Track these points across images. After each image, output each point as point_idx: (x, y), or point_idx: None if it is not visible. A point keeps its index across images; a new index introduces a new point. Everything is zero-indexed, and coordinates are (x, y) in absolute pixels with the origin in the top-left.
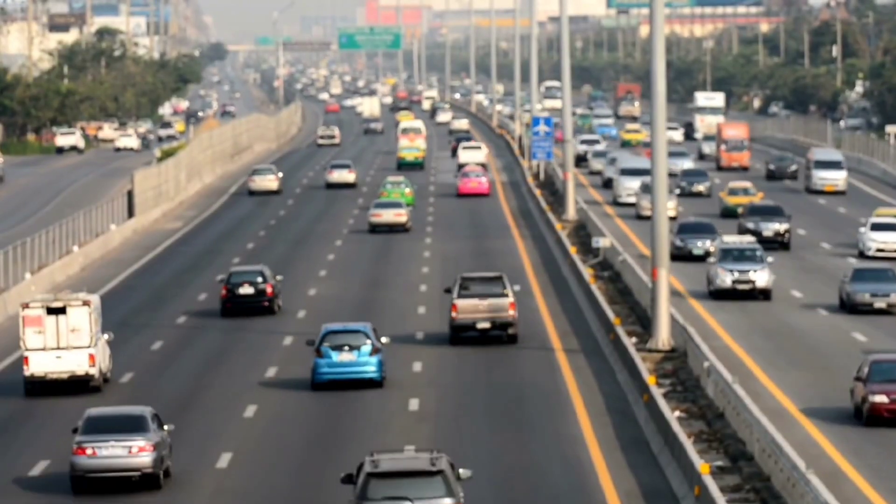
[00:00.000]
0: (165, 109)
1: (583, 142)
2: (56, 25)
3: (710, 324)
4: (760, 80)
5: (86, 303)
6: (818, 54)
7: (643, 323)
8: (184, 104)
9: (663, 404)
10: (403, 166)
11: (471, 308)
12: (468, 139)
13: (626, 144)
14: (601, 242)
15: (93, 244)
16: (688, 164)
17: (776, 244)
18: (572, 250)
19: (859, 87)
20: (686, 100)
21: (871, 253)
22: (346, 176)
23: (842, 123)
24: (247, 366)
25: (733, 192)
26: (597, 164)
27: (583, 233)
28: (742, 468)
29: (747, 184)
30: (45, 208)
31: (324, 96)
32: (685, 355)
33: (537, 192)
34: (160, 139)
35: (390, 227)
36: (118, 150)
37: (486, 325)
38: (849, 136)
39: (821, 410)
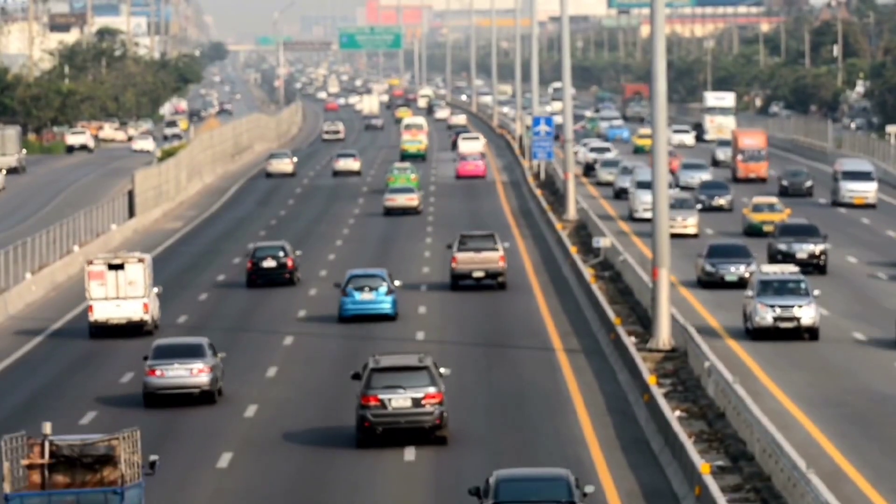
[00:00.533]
0: (166, 109)
1: (592, 150)
2: (57, 25)
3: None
4: (761, 80)
5: (140, 260)
6: (819, 54)
7: (644, 323)
8: (184, 104)
9: (664, 404)
10: (406, 158)
11: (468, 260)
12: (466, 131)
13: (638, 151)
14: (602, 242)
15: (93, 244)
16: (705, 175)
17: (811, 267)
18: (573, 250)
19: (860, 87)
20: (686, 100)
21: None
22: (352, 164)
23: (853, 125)
24: (247, 365)
25: (758, 208)
26: (607, 175)
27: (583, 232)
28: (743, 468)
29: (773, 199)
30: (46, 208)
31: (321, 95)
32: (686, 355)
33: (538, 191)
34: (165, 137)
35: (403, 210)
36: (135, 151)
37: (481, 273)
38: (849, 135)
39: (821, 410)
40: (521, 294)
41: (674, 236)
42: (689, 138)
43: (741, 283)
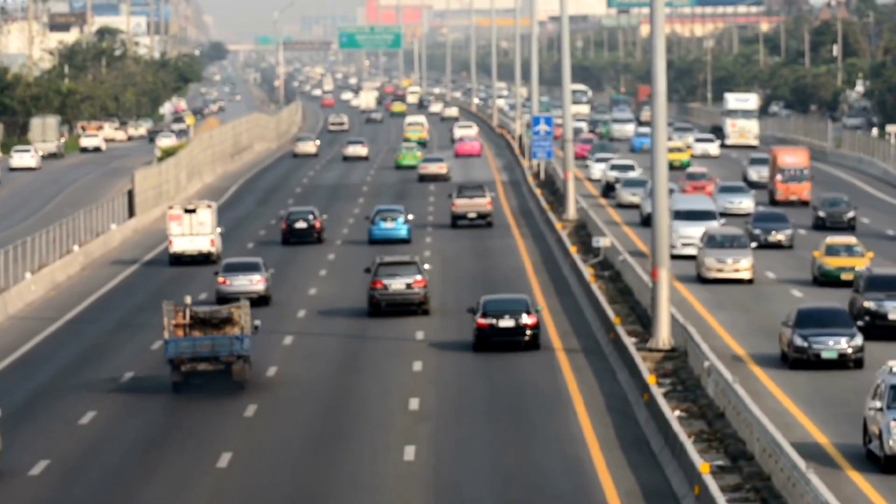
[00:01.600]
0: (166, 109)
1: (613, 167)
2: (56, 25)
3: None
4: (761, 79)
5: (209, 206)
6: (818, 54)
7: (643, 322)
8: (183, 104)
9: (663, 404)
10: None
11: (464, 204)
12: (458, 121)
13: (672, 164)
14: (601, 242)
15: (93, 243)
16: (747, 200)
17: None
18: (573, 250)
19: (860, 87)
20: (686, 99)
21: None
22: (361, 150)
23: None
24: None
25: (833, 250)
26: (629, 196)
27: (583, 232)
28: (742, 468)
29: (851, 239)
30: (46, 208)
31: (316, 92)
32: (685, 355)
33: (538, 191)
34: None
35: (434, 177)
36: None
37: (474, 214)
38: (849, 135)
39: (821, 410)
40: (522, 293)
41: (723, 282)
42: (713, 147)
43: (841, 363)
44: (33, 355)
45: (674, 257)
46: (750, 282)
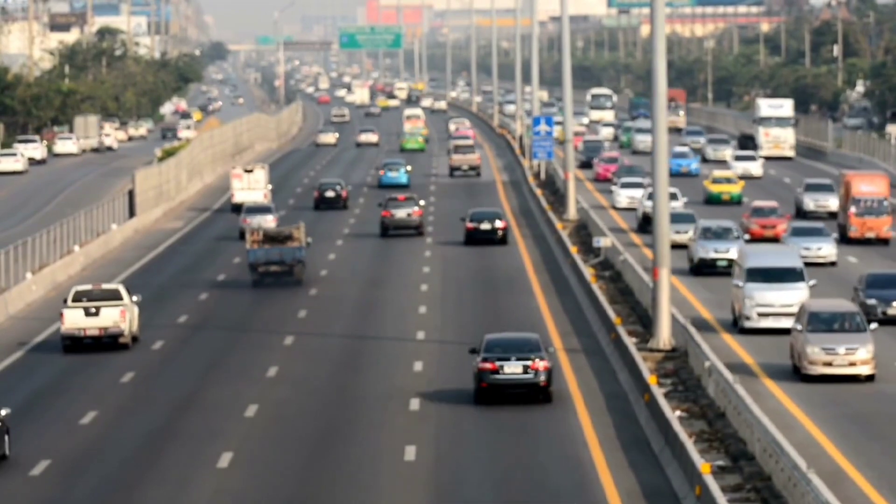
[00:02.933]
0: (166, 109)
1: (650, 196)
2: (57, 25)
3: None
4: (761, 79)
5: (262, 167)
6: (819, 54)
7: (644, 322)
8: (184, 104)
9: (664, 404)
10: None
11: (458, 160)
12: (450, 116)
13: (713, 200)
14: (602, 242)
15: (94, 244)
16: (828, 247)
17: None
18: (573, 250)
19: (860, 87)
20: (686, 99)
21: None
22: (371, 137)
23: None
24: (247, 365)
25: None
26: (674, 235)
27: (584, 232)
28: (743, 468)
29: None
30: (46, 208)
31: (310, 90)
32: (686, 355)
33: (538, 191)
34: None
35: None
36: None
37: (466, 167)
38: (850, 135)
39: (821, 410)
40: (521, 294)
41: (832, 379)
42: (755, 166)
43: None
44: (35, 355)
45: (746, 331)
46: (870, 379)
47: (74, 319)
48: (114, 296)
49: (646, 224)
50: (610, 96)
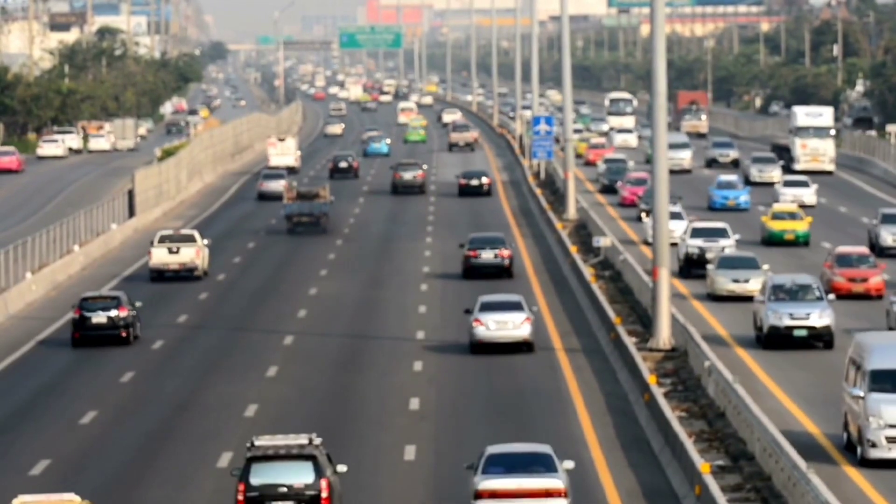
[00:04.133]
0: (166, 109)
1: (698, 233)
2: (57, 25)
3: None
4: (761, 79)
5: (293, 136)
6: (819, 53)
7: (644, 322)
8: (184, 103)
9: (664, 404)
10: (405, 123)
11: (457, 137)
12: (445, 107)
13: (774, 239)
14: (602, 242)
15: (94, 243)
16: None
17: None
18: (573, 249)
19: (860, 87)
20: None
21: None
22: (374, 135)
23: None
24: (247, 365)
25: None
26: (730, 284)
27: (583, 232)
28: (743, 467)
29: None
30: (46, 208)
31: (304, 87)
32: (686, 355)
33: (538, 191)
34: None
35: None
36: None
37: (463, 143)
38: (849, 135)
39: (822, 410)
40: (521, 293)
41: None
42: (808, 194)
43: None
44: (34, 355)
45: (869, 463)
46: None
47: (160, 256)
48: (190, 239)
49: (690, 267)
50: (630, 101)
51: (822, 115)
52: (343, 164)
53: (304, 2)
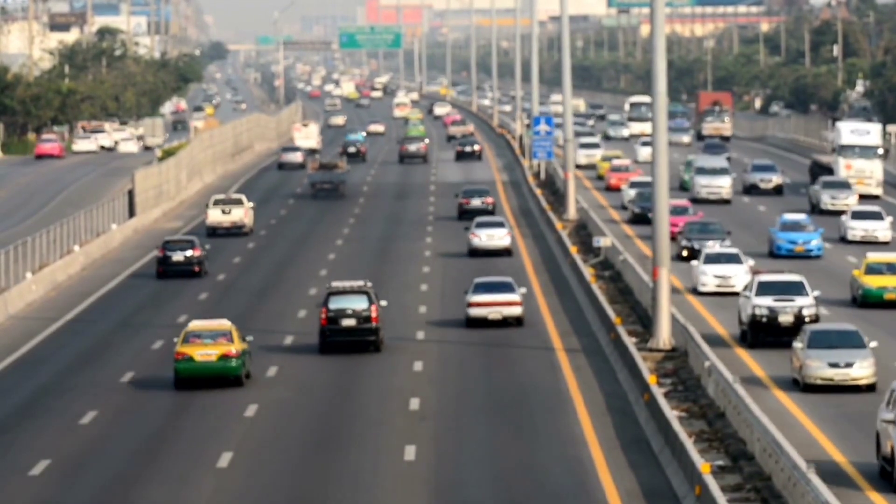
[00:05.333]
0: (166, 109)
1: (763, 288)
2: (57, 25)
3: (721, 332)
4: (761, 79)
5: (315, 123)
6: (819, 54)
7: (644, 322)
8: (184, 103)
9: (664, 404)
10: (400, 117)
11: (455, 130)
12: (436, 101)
13: (870, 298)
14: (602, 242)
15: (94, 243)
16: None
17: None
18: (573, 250)
19: (860, 87)
20: (689, 100)
21: None
22: (379, 128)
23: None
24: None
25: None
26: (821, 367)
27: (583, 232)
28: (743, 467)
29: None
30: (46, 208)
31: (300, 85)
32: (686, 355)
33: (538, 191)
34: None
35: (461, 134)
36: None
37: (461, 135)
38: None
39: (823, 410)
40: (524, 288)
41: None
42: (882, 228)
43: None
44: (34, 355)
45: None
46: None
47: (215, 216)
48: (240, 202)
49: (758, 334)
50: (650, 104)
51: (870, 133)
52: (352, 150)
53: (305, 2)
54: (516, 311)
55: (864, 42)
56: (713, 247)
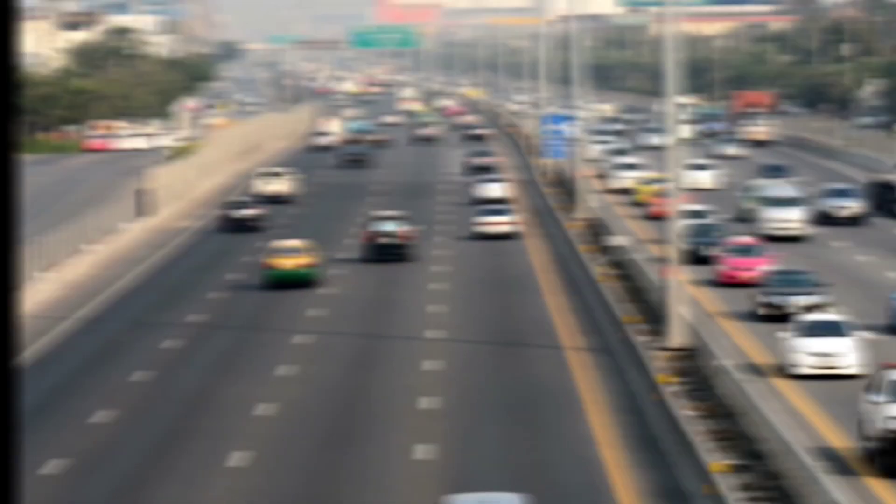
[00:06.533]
0: (177, 108)
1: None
2: (68, 24)
3: (724, 323)
4: (772, 78)
5: (338, 117)
6: (830, 53)
7: (655, 321)
8: (194, 103)
9: (674, 403)
10: (404, 110)
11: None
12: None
13: None
14: (613, 241)
15: (103, 242)
16: None
17: None
18: (583, 248)
19: (870, 86)
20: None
21: None
22: (394, 119)
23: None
24: (257, 364)
25: None
26: None
27: (594, 231)
28: (753, 466)
29: None
30: (57, 206)
31: (305, 82)
32: (696, 353)
33: (549, 190)
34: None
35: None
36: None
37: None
38: (861, 134)
39: (832, 409)
40: (531, 292)
41: None
42: None
43: None
44: (45, 354)
45: None
46: None
47: (260, 186)
48: (279, 174)
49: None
50: (686, 106)
51: None
52: (366, 142)
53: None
54: None
55: (876, 41)
56: (805, 305)
